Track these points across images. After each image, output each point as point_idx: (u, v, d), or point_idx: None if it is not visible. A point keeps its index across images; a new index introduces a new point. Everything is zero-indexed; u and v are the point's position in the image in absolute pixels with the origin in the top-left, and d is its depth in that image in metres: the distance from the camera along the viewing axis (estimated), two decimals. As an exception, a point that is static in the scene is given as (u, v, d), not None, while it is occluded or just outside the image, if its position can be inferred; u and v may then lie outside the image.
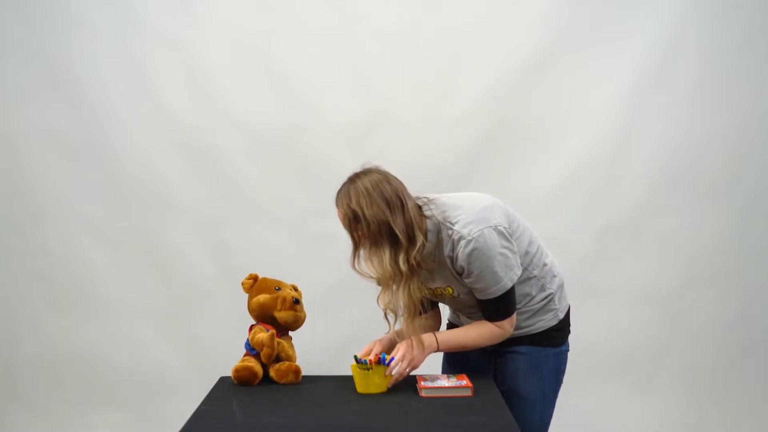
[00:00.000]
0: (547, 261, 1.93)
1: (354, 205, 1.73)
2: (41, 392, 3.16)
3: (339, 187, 1.80)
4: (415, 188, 1.91)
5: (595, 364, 3.13)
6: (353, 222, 1.75)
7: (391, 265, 1.73)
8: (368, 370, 1.79)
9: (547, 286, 1.91)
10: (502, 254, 1.75)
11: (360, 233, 1.75)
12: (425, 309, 1.95)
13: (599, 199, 3.11)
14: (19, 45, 3.01)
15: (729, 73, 3.06)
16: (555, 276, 1.94)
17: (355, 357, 1.81)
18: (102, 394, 3.15)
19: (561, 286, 1.96)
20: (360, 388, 1.82)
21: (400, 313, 1.79)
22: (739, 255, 3.16)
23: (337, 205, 1.79)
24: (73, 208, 3.09)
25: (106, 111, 3.05)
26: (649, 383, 3.18)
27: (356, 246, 1.78)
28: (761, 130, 3.11)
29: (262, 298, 1.95)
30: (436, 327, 2.03)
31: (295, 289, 2.02)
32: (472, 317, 1.94)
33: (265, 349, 1.89)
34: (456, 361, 2.07)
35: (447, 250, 1.78)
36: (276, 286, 1.97)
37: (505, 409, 1.69)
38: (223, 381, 1.94)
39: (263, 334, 1.90)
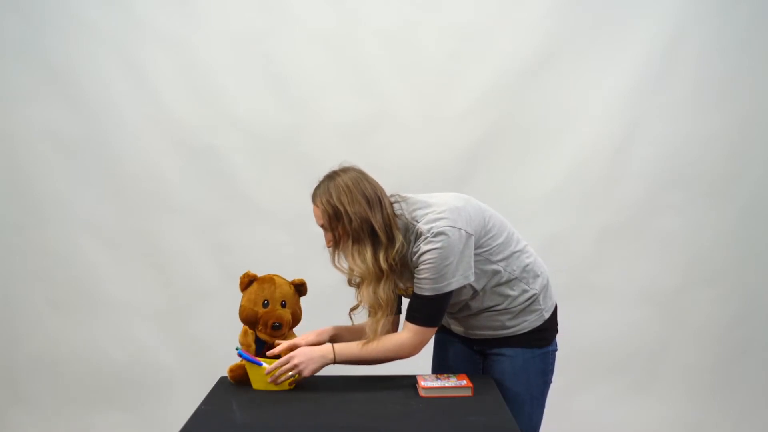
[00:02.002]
0: (529, 261, 1.89)
1: (335, 201, 1.73)
2: (42, 392, 3.16)
3: (316, 184, 1.80)
4: (415, 188, 1.91)
5: (595, 364, 3.14)
6: (333, 219, 1.74)
7: (372, 263, 1.73)
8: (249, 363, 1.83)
9: (530, 287, 1.88)
10: (456, 257, 1.72)
11: (341, 230, 1.75)
12: (399, 310, 1.92)
13: (599, 199, 3.10)
14: (19, 45, 3.02)
15: (729, 73, 3.06)
16: (538, 276, 1.90)
17: (237, 349, 1.85)
18: (102, 394, 3.15)
19: (546, 286, 1.93)
20: (252, 383, 1.85)
21: (379, 312, 1.77)
22: (739, 255, 3.16)
23: (315, 202, 1.79)
24: (73, 208, 3.09)
25: (106, 111, 3.05)
26: (649, 383, 3.18)
27: (336, 243, 1.78)
28: (761, 130, 3.11)
29: (246, 312, 1.92)
30: None
31: (298, 286, 1.99)
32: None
33: (243, 347, 1.90)
34: (445, 363, 2.06)
35: (411, 247, 1.77)
36: (264, 300, 1.91)
37: (504, 409, 1.69)
38: (222, 381, 1.94)
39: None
